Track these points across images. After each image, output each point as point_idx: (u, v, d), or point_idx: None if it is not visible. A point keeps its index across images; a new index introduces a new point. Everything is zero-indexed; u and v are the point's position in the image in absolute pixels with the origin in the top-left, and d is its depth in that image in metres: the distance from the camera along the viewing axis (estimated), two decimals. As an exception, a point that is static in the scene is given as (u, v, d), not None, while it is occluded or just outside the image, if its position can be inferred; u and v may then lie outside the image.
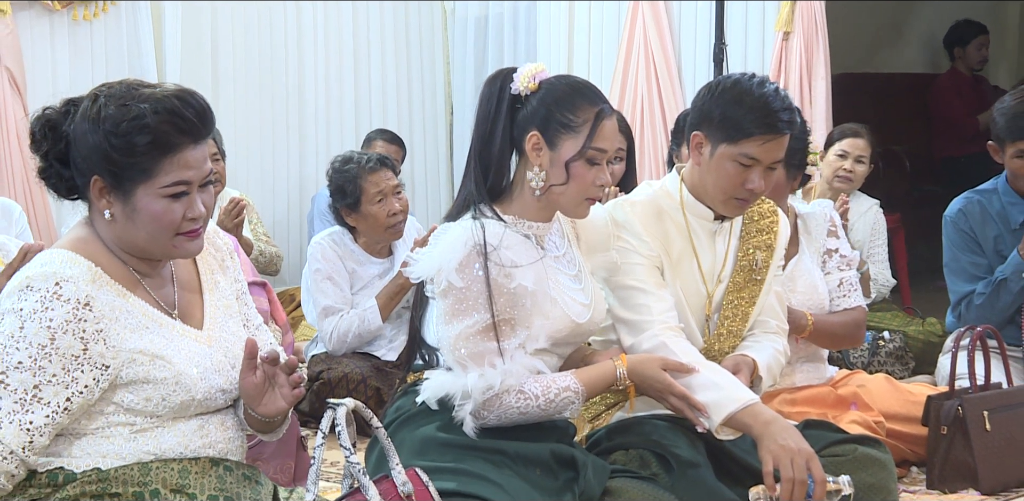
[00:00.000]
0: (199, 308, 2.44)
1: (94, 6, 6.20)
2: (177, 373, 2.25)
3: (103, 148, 2.20)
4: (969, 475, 3.36)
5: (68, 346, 2.15)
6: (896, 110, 8.03)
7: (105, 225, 2.29)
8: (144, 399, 2.23)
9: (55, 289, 2.16)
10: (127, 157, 2.19)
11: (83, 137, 2.22)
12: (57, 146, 2.26)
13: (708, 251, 3.15)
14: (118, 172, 2.21)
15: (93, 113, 2.22)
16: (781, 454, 2.68)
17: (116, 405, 2.24)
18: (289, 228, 7.15)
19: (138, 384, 2.23)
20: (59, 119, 2.28)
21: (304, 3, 7.18)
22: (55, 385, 2.15)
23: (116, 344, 2.21)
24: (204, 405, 2.32)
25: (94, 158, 2.21)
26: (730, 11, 6.34)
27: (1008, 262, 3.98)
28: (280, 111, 7.11)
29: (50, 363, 2.14)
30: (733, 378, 2.88)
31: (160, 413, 2.26)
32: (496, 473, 2.60)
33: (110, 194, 2.24)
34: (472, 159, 2.81)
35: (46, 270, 2.18)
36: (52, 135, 2.27)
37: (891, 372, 4.65)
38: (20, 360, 2.13)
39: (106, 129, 2.19)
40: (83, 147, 2.22)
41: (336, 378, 4.28)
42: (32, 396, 2.13)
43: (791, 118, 3.00)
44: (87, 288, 2.19)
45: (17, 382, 2.13)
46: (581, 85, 2.79)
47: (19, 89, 5.87)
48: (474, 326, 2.65)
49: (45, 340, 2.14)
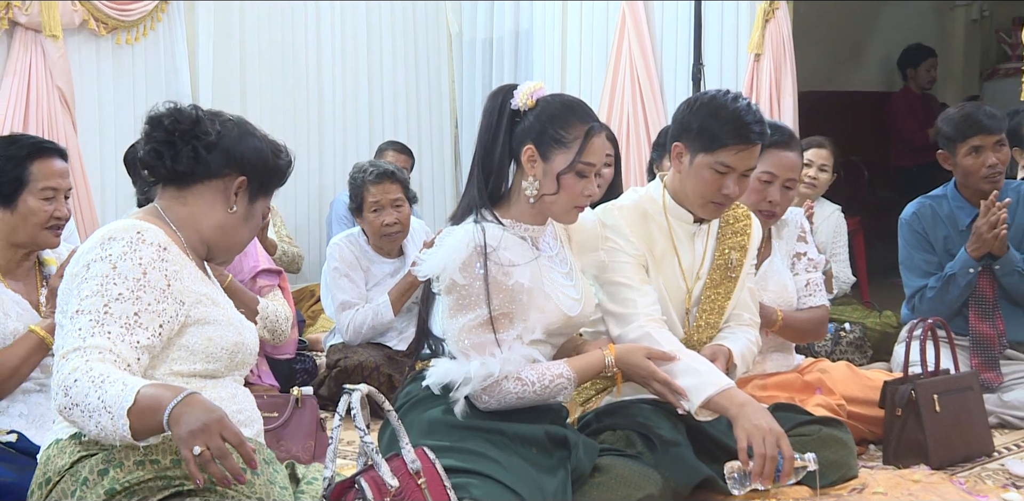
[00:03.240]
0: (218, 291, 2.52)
1: (135, 31, 6.22)
2: (229, 317, 2.37)
3: (266, 155, 2.43)
4: (921, 452, 3.35)
5: (156, 280, 2.22)
6: (855, 124, 8.03)
7: (208, 214, 2.41)
8: (207, 339, 2.31)
9: (138, 236, 2.24)
10: (276, 171, 2.47)
11: (245, 141, 2.41)
12: (208, 137, 2.36)
13: (688, 251, 3.15)
14: (264, 179, 2.44)
15: (254, 129, 2.47)
16: (754, 433, 2.68)
17: (182, 348, 2.29)
18: (310, 230, 7.13)
19: (201, 324, 2.31)
20: (213, 117, 2.41)
21: (323, 29, 7.18)
22: (150, 313, 2.20)
23: (188, 285, 2.29)
24: (245, 354, 2.40)
25: (254, 161, 2.41)
26: (707, 34, 6.33)
27: (956, 259, 3.98)
28: (301, 125, 7.10)
29: (145, 294, 2.20)
30: (711, 365, 2.88)
31: (217, 354, 2.32)
32: (496, 452, 2.60)
33: (242, 194, 2.41)
34: (475, 167, 2.80)
35: (124, 224, 2.27)
36: (210, 126, 2.38)
37: (851, 360, 4.63)
38: (120, 292, 2.18)
39: (270, 146, 2.46)
40: (246, 149, 2.40)
41: (352, 366, 4.27)
42: (135, 322, 2.18)
43: (762, 130, 3.00)
44: (162, 237, 2.28)
45: (119, 310, 2.17)
46: (574, 104, 2.78)
47: (68, 105, 5.86)
48: (475, 319, 2.64)
49: (139, 274, 2.20)
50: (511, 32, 7.56)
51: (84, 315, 2.16)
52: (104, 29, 6.04)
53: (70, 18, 5.82)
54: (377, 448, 2.23)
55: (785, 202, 3.56)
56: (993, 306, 4.00)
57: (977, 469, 3.39)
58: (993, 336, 4.00)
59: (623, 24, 6.55)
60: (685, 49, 6.42)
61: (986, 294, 4.00)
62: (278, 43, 6.95)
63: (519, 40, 7.52)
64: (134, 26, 6.19)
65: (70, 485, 2.18)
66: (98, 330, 2.14)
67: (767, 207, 3.51)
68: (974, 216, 3.98)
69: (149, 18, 6.24)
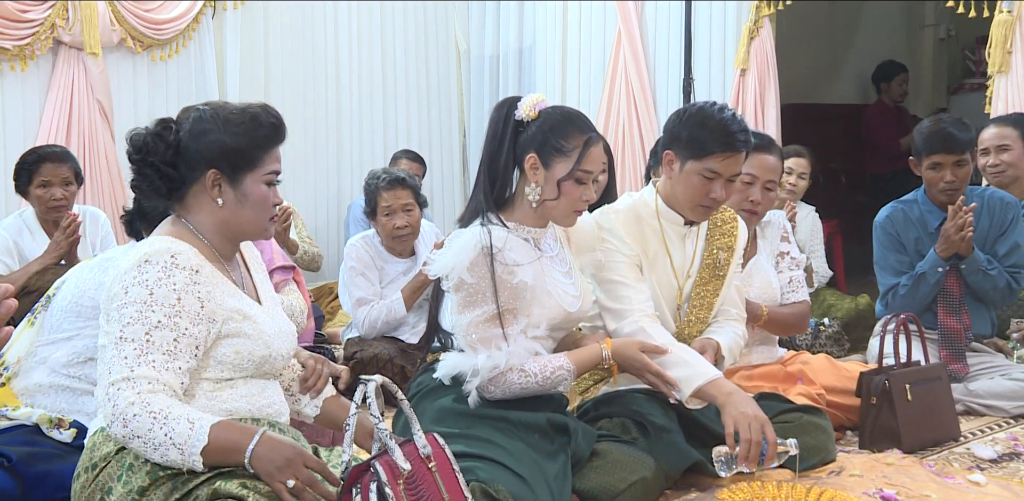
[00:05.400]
0: (255, 289, 2.48)
1: (168, 48, 6.24)
2: (260, 331, 2.32)
3: (224, 142, 2.28)
4: (894, 437, 3.34)
5: (190, 304, 2.19)
6: (834, 134, 8.01)
7: (209, 213, 2.33)
8: (235, 352, 2.28)
9: (171, 260, 2.20)
10: (246, 149, 2.29)
11: (202, 137, 2.29)
12: (168, 152, 2.29)
13: (679, 251, 3.14)
14: (235, 162, 2.29)
15: (211, 118, 2.30)
16: (741, 420, 2.67)
17: (211, 359, 2.26)
18: (328, 232, 7.12)
19: (232, 338, 2.27)
20: (164, 132, 2.31)
21: (341, 45, 7.18)
22: (188, 337, 2.18)
23: (220, 303, 2.25)
24: (272, 363, 2.37)
25: (211, 154, 2.28)
26: (697, 51, 6.33)
27: (926, 259, 3.97)
28: (321, 134, 7.09)
29: (181, 319, 2.17)
30: (700, 357, 2.87)
31: (244, 366, 2.29)
32: (501, 438, 2.59)
33: (223, 184, 2.31)
34: (481, 173, 2.79)
35: (160, 246, 2.22)
36: (162, 144, 2.30)
37: (830, 353, 4.63)
38: (159, 319, 2.16)
39: (230, 128, 2.28)
40: (202, 146, 2.29)
41: (367, 358, 4.26)
42: (175, 348, 2.16)
43: (746, 138, 2.99)
44: (195, 259, 2.24)
45: (160, 338, 2.15)
46: (573, 115, 2.76)
47: (107, 117, 5.88)
48: (482, 315, 2.63)
49: (174, 300, 2.17)
50: (515, 49, 7.55)
51: (128, 343, 2.14)
52: (140, 47, 6.06)
53: (109, 37, 5.85)
54: (391, 434, 2.22)
55: (766, 202, 3.54)
56: (960, 302, 3.99)
57: (945, 453, 3.38)
58: (960, 330, 3.98)
59: (619, 41, 6.56)
60: (676, 64, 6.42)
61: (953, 291, 3.99)
62: (299, 59, 6.96)
63: (523, 56, 7.51)
64: (167, 44, 6.22)
65: (116, 470, 2.18)
66: (143, 359, 2.13)
67: (749, 206, 3.50)
68: (942, 219, 3.97)
69: (181, 37, 6.28)
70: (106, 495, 2.17)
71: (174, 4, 6.19)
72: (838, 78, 8.71)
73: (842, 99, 8.68)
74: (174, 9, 6.19)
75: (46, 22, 5.56)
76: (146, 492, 2.13)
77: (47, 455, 2.75)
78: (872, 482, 2.95)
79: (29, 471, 2.67)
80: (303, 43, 6.98)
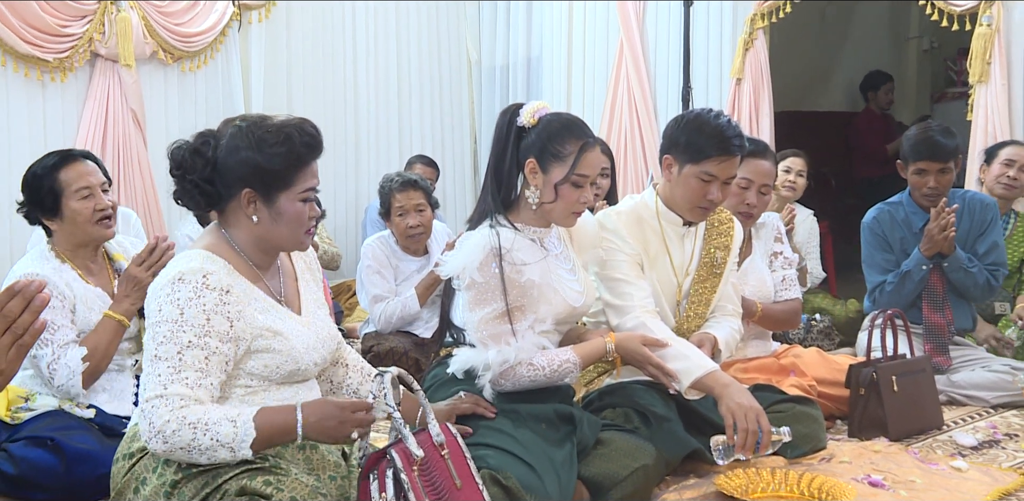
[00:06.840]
0: (297, 297, 2.42)
1: (198, 60, 6.26)
2: (290, 347, 2.25)
3: (257, 162, 2.19)
4: (881, 426, 3.33)
5: (219, 324, 2.13)
6: (824, 140, 7.98)
7: (246, 228, 2.27)
8: (263, 365, 2.23)
9: (203, 281, 2.13)
10: (280, 170, 2.20)
11: (234, 155, 2.20)
12: (206, 169, 2.22)
13: (678, 250, 3.13)
14: (268, 182, 2.21)
15: (246, 136, 2.20)
16: (737, 410, 2.67)
17: (241, 369, 2.22)
18: (347, 232, 7.13)
19: (261, 353, 2.22)
20: (202, 148, 2.23)
21: (359, 56, 7.19)
22: (218, 355, 2.13)
23: (250, 322, 2.19)
24: (302, 374, 2.32)
25: (245, 172, 2.20)
26: (695, 61, 6.32)
27: (911, 258, 3.96)
28: (340, 139, 7.11)
29: (211, 339, 2.12)
30: (698, 351, 2.86)
31: (272, 378, 2.26)
32: (511, 427, 2.58)
33: (257, 202, 2.23)
34: (488, 177, 2.78)
35: (193, 265, 2.16)
36: (200, 160, 2.23)
37: (821, 346, 4.62)
38: (190, 339, 2.11)
39: (264, 148, 2.19)
40: (236, 165, 2.20)
41: (384, 351, 4.26)
42: (206, 365, 2.12)
43: (741, 143, 2.98)
44: (227, 278, 2.18)
45: (191, 357, 2.11)
46: (571, 122, 2.74)
47: (140, 125, 5.89)
48: (492, 312, 2.62)
49: (203, 320, 2.12)
50: (524, 59, 7.55)
51: (162, 362, 2.10)
52: (171, 58, 6.09)
53: (142, 49, 5.87)
54: (406, 423, 2.22)
55: (761, 205, 3.54)
56: (943, 299, 3.98)
57: (929, 441, 3.37)
58: (943, 325, 3.97)
59: (621, 52, 6.56)
60: (675, 73, 6.41)
61: (937, 288, 3.97)
62: (319, 70, 6.98)
63: (531, 66, 7.51)
64: (196, 56, 6.24)
65: (151, 462, 2.17)
66: (176, 377, 2.09)
67: (745, 209, 3.49)
68: (926, 220, 3.96)
69: (209, 49, 6.31)
70: (141, 485, 2.17)
71: (203, 18, 6.21)
72: (828, 87, 8.70)
73: (832, 107, 8.66)
74: (203, 23, 6.21)
75: (84, 36, 5.58)
76: (178, 485, 2.13)
77: (81, 435, 2.83)
78: (860, 468, 2.95)
79: (71, 449, 2.74)
80: (323, 55, 7.01)
